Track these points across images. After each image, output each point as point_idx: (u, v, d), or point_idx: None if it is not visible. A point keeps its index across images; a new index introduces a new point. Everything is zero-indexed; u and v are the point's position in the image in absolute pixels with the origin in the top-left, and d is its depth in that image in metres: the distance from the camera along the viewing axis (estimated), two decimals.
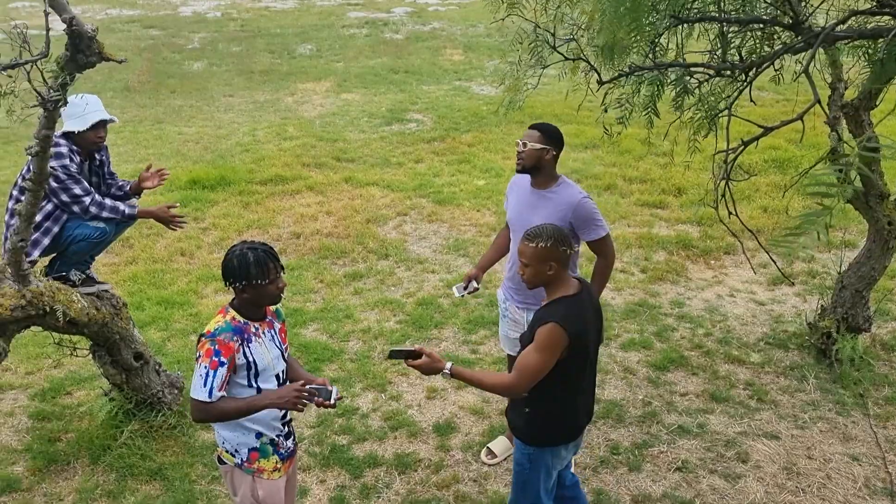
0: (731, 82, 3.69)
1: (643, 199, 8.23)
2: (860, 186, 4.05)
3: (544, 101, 11.31)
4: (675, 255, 7.07)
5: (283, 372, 3.16)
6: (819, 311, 5.53)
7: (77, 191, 3.99)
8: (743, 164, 4.02)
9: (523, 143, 3.96)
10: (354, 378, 5.28)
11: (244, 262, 2.95)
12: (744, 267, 6.86)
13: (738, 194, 4.10)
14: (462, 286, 4.31)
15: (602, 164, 9.17)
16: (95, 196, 4.06)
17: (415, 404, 5.04)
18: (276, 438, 3.18)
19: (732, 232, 4.10)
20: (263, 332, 3.08)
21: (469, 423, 4.87)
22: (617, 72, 3.43)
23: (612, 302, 6.24)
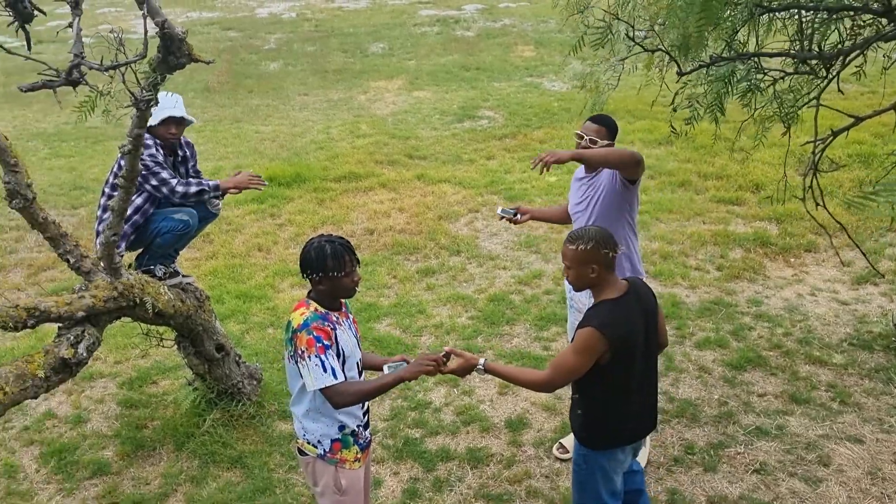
0: (812, 79, 3.59)
1: (719, 195, 8.06)
2: None
3: (616, 96, 11.10)
4: (753, 253, 6.90)
5: (359, 362, 3.24)
6: None
7: (164, 175, 4.25)
8: (826, 159, 3.90)
9: (590, 140, 4.08)
10: None
11: (321, 255, 3.04)
12: (826, 265, 6.65)
13: (814, 199, 3.99)
14: (510, 210, 4.42)
15: (676, 161, 9.01)
16: (180, 179, 4.30)
17: (487, 399, 5.07)
18: (357, 429, 3.25)
19: (820, 223, 3.97)
20: (343, 321, 3.18)
21: (541, 419, 4.88)
22: (698, 63, 3.37)
23: (687, 300, 6.14)
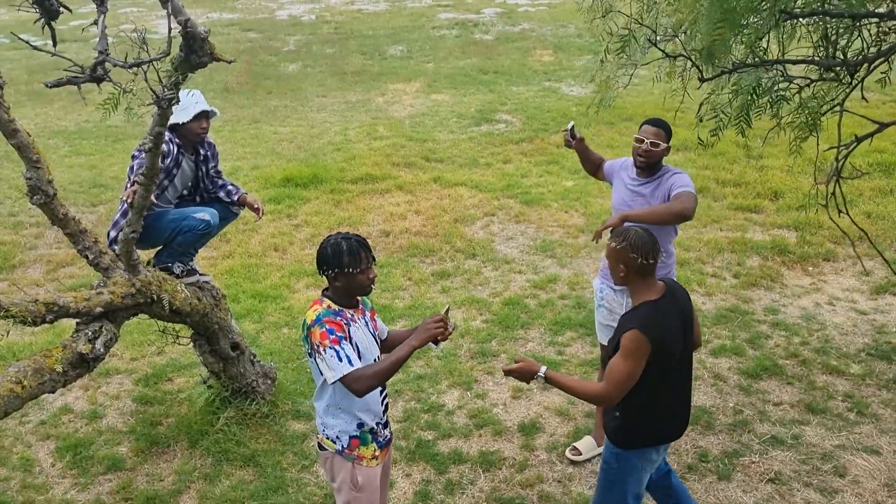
0: (837, 85, 3.56)
1: (737, 202, 8.01)
2: None
3: (635, 101, 11.15)
4: (770, 261, 6.85)
5: (377, 358, 3.25)
6: None
7: (135, 153, 4.05)
8: (847, 167, 3.87)
9: (651, 143, 4.04)
10: (440, 375, 5.34)
11: (338, 251, 3.06)
12: (844, 274, 6.59)
13: (836, 205, 3.97)
14: (571, 129, 4.39)
15: (694, 167, 8.96)
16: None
17: (500, 403, 5.06)
18: (375, 427, 3.27)
19: (843, 230, 3.94)
20: (358, 319, 3.19)
21: (554, 423, 4.86)
22: (720, 69, 3.36)
23: (703, 307, 6.10)
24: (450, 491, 4.32)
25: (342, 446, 3.23)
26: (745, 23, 3.24)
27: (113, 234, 4.12)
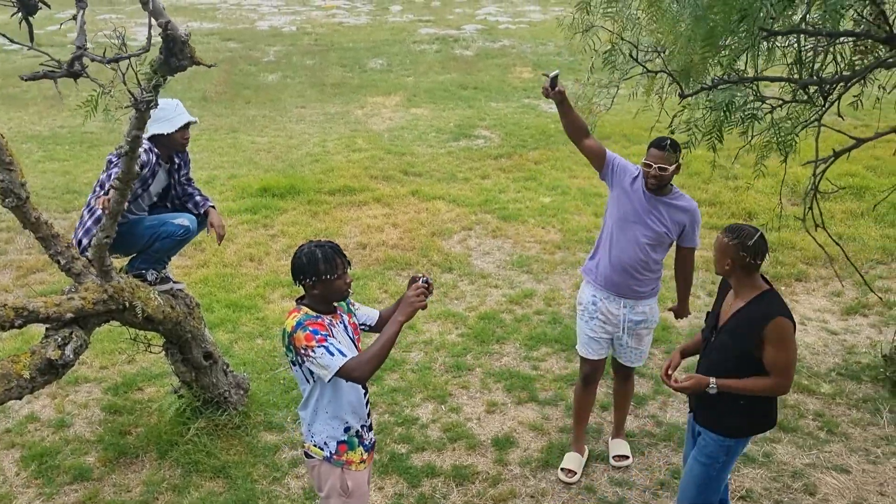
0: (810, 107, 3.60)
1: (711, 222, 8.08)
2: None
3: (613, 120, 11.23)
4: None
5: None
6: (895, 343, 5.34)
7: (112, 157, 3.97)
8: (820, 189, 3.92)
9: (660, 168, 4.09)
10: (415, 388, 5.31)
11: (313, 259, 3.07)
12: (815, 294, 6.68)
13: (813, 220, 4.02)
14: (553, 76, 4.15)
15: None
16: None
17: (474, 417, 5.04)
18: (361, 430, 3.28)
19: (819, 244, 4.02)
20: (337, 323, 3.19)
21: (528, 438, 4.85)
22: (699, 85, 3.40)
23: (677, 324, 6.14)
24: None
25: (330, 452, 3.24)
26: (723, 44, 3.28)
27: (85, 241, 4.05)
